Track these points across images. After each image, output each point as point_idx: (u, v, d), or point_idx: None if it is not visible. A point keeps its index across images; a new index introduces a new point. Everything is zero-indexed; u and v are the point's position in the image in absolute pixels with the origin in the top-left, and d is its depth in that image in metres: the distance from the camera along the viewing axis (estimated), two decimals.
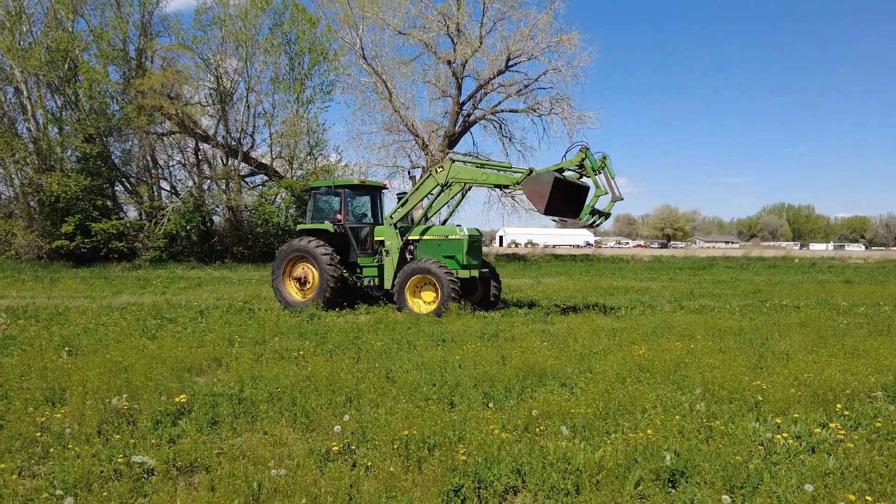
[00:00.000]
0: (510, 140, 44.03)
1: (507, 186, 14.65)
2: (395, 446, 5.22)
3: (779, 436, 5.52)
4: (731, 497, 4.35)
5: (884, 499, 4.30)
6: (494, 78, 41.17)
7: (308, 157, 39.87)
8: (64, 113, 37.25)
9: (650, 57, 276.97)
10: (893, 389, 7.22)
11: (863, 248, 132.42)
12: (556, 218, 14.22)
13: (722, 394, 6.80)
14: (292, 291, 15.98)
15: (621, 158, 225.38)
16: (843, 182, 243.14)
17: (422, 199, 15.49)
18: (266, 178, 40.55)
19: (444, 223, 16.80)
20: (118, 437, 5.62)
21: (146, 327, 12.01)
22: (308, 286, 15.75)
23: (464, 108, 43.12)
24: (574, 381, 7.61)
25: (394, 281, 15.05)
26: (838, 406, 6.47)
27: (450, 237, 15.17)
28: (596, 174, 13.74)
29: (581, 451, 5.09)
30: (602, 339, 10.78)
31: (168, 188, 40.69)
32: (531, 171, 13.87)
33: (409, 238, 15.57)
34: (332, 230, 16.01)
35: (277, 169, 40.08)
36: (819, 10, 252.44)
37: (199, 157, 39.75)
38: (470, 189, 15.40)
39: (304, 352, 9.36)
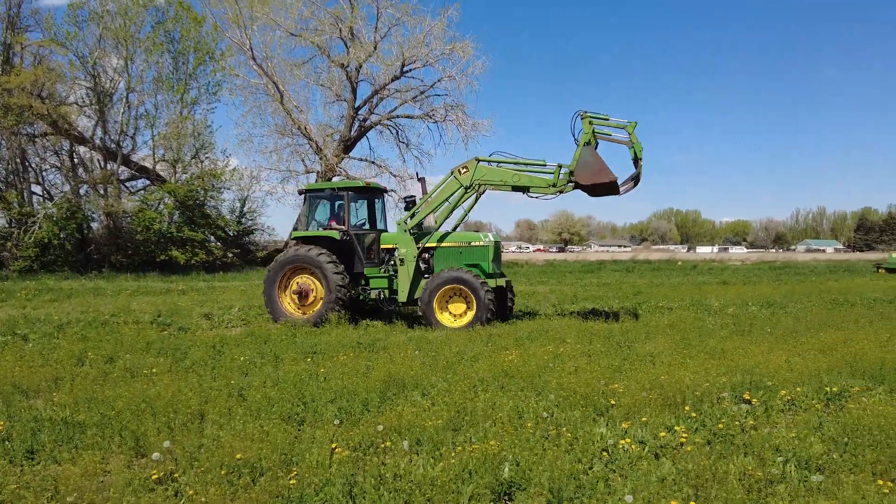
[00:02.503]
0: (407, 146, 43.96)
1: (527, 189, 13.68)
2: (224, 472, 4.85)
3: (623, 441, 5.53)
4: None
5: (704, 502, 4.33)
6: (390, 83, 41.00)
7: (193, 161, 38.31)
8: None
9: (541, 66, 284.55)
10: (740, 389, 7.46)
11: (745, 249, 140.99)
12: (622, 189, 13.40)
13: (576, 399, 6.80)
14: (289, 307, 14.31)
15: None
16: (728, 188, 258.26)
17: (441, 204, 14.09)
18: (148, 182, 38.66)
19: (455, 228, 15.31)
20: None
21: None
22: (309, 300, 14.12)
23: (360, 112, 42.72)
24: (436, 390, 7.44)
25: (410, 293, 13.97)
26: (686, 408, 6.60)
27: (473, 244, 14.08)
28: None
29: (420, 466, 4.90)
30: (476, 344, 10.71)
31: (40, 193, 38.05)
32: (560, 167, 13.28)
33: (426, 245, 14.19)
34: (338, 237, 14.36)
35: (160, 173, 38.27)
36: (696, 22, 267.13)
37: (75, 160, 37.37)
38: (484, 192, 14.15)
39: (158, 369, 8.76)
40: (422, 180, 15.11)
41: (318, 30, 39.09)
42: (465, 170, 13.79)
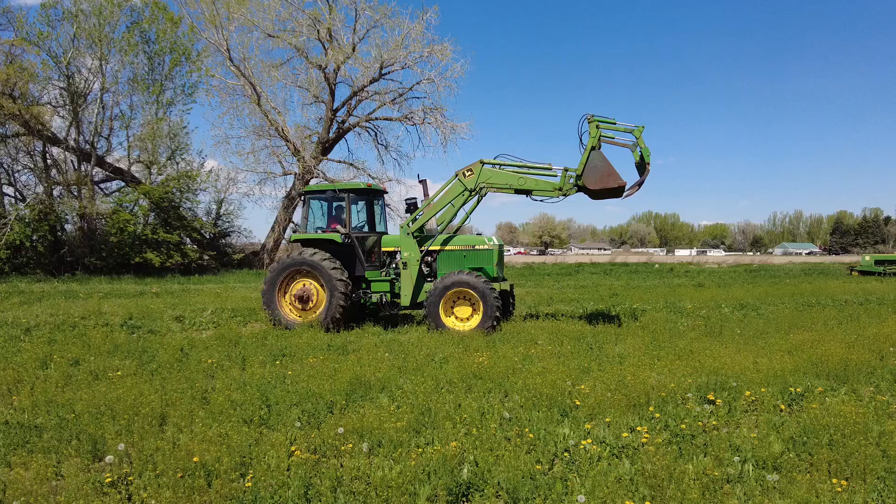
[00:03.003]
0: (385, 148, 43.89)
1: (529, 192, 13.51)
2: (179, 475, 4.78)
3: (584, 442, 5.54)
4: None
5: (660, 503, 4.34)
6: (368, 85, 40.87)
7: (169, 162, 37.90)
8: None
9: (521, 68, 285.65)
10: (705, 390, 7.50)
11: (723, 252, 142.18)
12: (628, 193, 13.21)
13: (541, 400, 6.80)
14: (289, 311, 13.87)
15: None
16: (707, 192, 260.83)
17: (444, 206, 13.82)
18: (123, 183, 38.17)
19: (456, 231, 15.10)
20: None
21: None
22: (311, 305, 13.72)
23: (338, 114, 42.56)
24: (401, 392, 7.40)
25: (413, 297, 13.76)
26: (650, 409, 6.62)
27: (477, 247, 13.86)
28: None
29: (380, 468, 4.86)
30: (448, 346, 10.68)
31: (12, 194, 37.38)
32: (566, 171, 13.12)
33: (430, 248, 13.98)
34: (340, 240, 14.02)
35: (135, 174, 37.80)
36: (677, 27, 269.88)
37: (48, 161, 36.79)
38: (486, 194, 13.87)
39: (123, 372, 8.64)
40: (423, 182, 14.83)
41: (296, 31, 38.90)
42: (469, 172, 13.57)
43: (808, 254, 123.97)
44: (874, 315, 15.52)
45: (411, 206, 14.51)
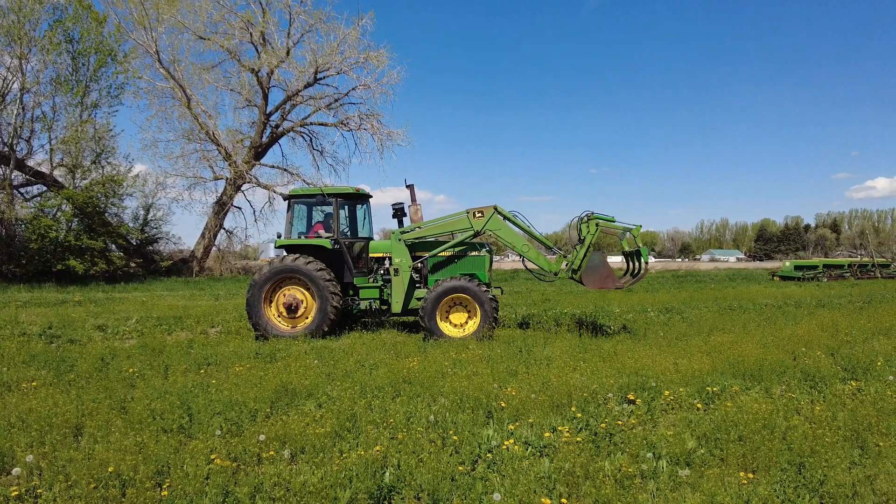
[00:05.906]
0: (321, 153, 43.57)
1: (524, 258, 13.52)
2: (92, 486, 4.64)
3: (507, 442, 5.63)
4: None
5: (575, 500, 4.46)
6: (303, 90, 40.49)
7: (93, 166, 36.54)
8: None
9: (461, 77, 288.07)
10: (626, 390, 7.73)
11: (652, 259, 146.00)
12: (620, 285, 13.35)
13: (468, 403, 6.88)
14: (276, 320, 13.31)
15: (438, 176, 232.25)
16: (637, 200, 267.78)
17: (444, 233, 13.87)
18: (44, 188, 36.60)
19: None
20: None
21: None
22: (300, 314, 13.25)
23: (271, 118, 41.98)
24: (327, 398, 7.36)
25: (405, 303, 13.57)
26: (572, 409, 6.78)
27: (470, 253, 13.95)
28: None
29: (301, 474, 4.84)
30: (380, 353, 10.68)
31: None
32: (563, 258, 13.27)
33: (418, 254, 13.95)
34: (329, 246, 13.67)
35: (58, 178, 36.29)
36: (611, 36, 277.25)
37: None
38: (484, 232, 13.74)
39: (39, 382, 8.30)
40: (410, 187, 14.69)
41: (228, 34, 38.26)
42: (480, 214, 13.49)
43: (718, 260, 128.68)
44: (790, 317, 16.23)
45: (398, 211, 14.41)
